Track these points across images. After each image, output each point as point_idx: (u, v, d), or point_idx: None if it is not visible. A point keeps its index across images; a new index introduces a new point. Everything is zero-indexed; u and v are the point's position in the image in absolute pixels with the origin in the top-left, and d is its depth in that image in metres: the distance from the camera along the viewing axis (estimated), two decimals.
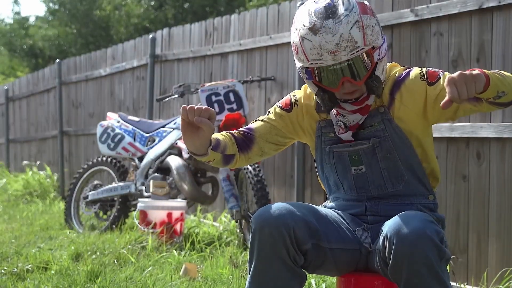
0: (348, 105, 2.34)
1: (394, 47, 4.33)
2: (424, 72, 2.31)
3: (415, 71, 2.34)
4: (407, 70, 2.36)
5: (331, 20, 2.20)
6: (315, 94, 2.35)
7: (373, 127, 2.35)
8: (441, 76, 2.28)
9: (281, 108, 2.49)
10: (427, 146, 2.37)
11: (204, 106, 2.21)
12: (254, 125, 2.49)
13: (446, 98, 1.97)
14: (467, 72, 1.96)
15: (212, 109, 2.22)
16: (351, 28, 2.20)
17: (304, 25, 2.24)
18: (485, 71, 2.03)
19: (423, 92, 2.29)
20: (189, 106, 2.21)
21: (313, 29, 2.21)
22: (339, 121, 2.38)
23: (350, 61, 2.23)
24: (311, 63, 2.25)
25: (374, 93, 2.31)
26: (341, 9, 2.22)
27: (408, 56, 4.24)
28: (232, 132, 2.47)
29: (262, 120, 2.49)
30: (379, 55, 2.27)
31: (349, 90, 2.29)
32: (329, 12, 2.22)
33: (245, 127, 2.49)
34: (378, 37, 2.26)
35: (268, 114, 2.51)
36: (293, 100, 2.48)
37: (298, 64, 2.32)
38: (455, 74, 1.96)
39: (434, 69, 2.32)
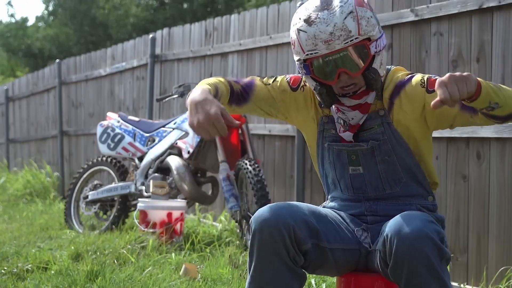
0: (347, 100, 2.34)
1: (394, 47, 4.33)
2: (425, 79, 2.29)
3: (416, 77, 2.32)
4: (409, 76, 2.34)
5: (325, 12, 2.23)
6: (314, 90, 2.35)
7: (373, 129, 2.35)
8: None
9: (288, 82, 2.46)
10: (425, 151, 2.36)
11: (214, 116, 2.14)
12: (255, 85, 2.45)
13: (437, 98, 1.96)
14: (456, 73, 1.97)
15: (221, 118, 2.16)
16: (345, 18, 2.22)
17: (300, 19, 2.28)
18: (478, 79, 2.03)
19: (421, 99, 2.28)
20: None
21: (308, 21, 2.24)
22: (339, 118, 2.38)
23: (345, 52, 2.23)
24: (307, 54, 2.26)
25: (372, 87, 2.30)
26: (336, 2, 2.25)
27: (408, 56, 4.24)
28: (232, 83, 2.42)
29: (265, 85, 2.45)
30: (376, 48, 2.27)
31: (346, 83, 2.29)
32: (324, 4, 2.25)
33: (246, 84, 2.44)
34: (374, 29, 2.26)
35: (273, 81, 2.46)
36: (302, 83, 2.46)
37: (296, 58, 2.33)
38: (445, 77, 1.96)
39: (436, 77, 2.30)
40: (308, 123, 2.46)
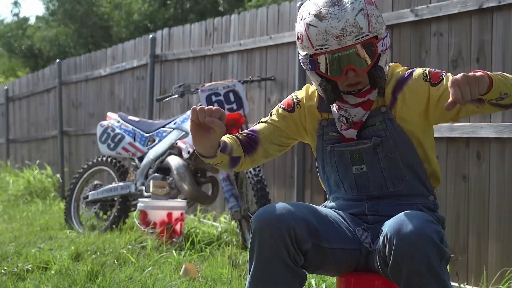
0: (351, 98, 2.35)
1: (394, 47, 4.33)
2: (427, 73, 2.32)
3: (418, 71, 2.34)
4: (410, 71, 2.37)
5: (336, 7, 2.24)
6: (318, 85, 2.35)
7: (375, 126, 2.35)
8: (444, 77, 2.29)
9: (283, 109, 2.49)
10: (428, 147, 2.37)
11: (215, 107, 2.21)
12: (257, 127, 2.50)
13: (450, 99, 1.97)
14: (470, 73, 1.97)
15: (222, 109, 2.21)
16: (357, 14, 2.23)
17: (309, 13, 2.27)
18: (488, 72, 2.03)
19: (425, 93, 2.30)
20: (199, 107, 2.20)
21: (319, 16, 2.25)
22: (342, 116, 2.38)
23: (354, 49, 2.24)
24: (316, 49, 2.27)
25: (377, 85, 2.31)
26: None
27: (408, 56, 4.24)
28: (236, 134, 2.47)
29: (265, 122, 2.50)
30: (382, 46, 2.29)
31: (353, 81, 2.30)
32: (335, 0, 2.26)
33: (249, 130, 2.50)
34: (382, 28, 2.29)
35: (270, 116, 2.51)
36: (295, 100, 2.49)
37: (302, 53, 2.33)
38: (458, 76, 1.96)
39: (437, 70, 2.33)
40: (311, 132, 2.48)
